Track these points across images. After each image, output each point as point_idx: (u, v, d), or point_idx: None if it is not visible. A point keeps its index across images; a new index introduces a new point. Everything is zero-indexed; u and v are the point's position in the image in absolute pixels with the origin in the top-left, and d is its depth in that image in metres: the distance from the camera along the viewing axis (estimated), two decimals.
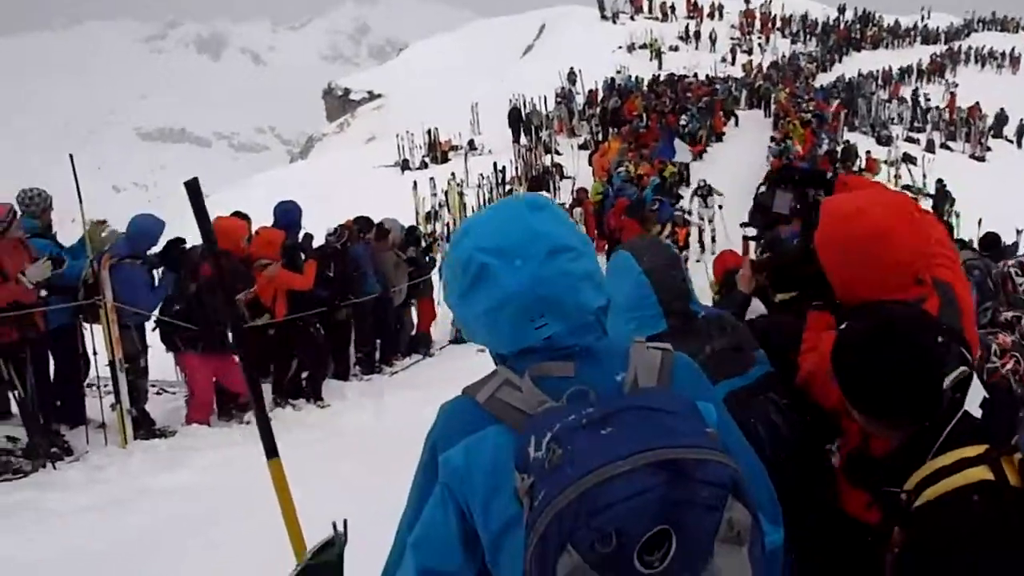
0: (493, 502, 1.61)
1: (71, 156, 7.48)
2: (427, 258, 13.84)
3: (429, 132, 35.23)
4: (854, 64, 54.48)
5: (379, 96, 58.13)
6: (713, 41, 57.86)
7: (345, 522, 2.20)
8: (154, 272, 8.06)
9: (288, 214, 9.99)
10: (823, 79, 51.25)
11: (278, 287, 9.05)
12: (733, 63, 53.90)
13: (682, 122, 32.86)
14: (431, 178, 27.06)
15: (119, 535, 5.59)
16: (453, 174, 26.63)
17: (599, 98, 39.23)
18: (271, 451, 1.62)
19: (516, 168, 30.07)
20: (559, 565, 1.36)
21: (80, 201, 7.22)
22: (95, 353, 7.78)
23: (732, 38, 60.06)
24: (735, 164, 28.54)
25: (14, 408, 7.58)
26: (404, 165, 33.92)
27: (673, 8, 63.22)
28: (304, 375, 9.67)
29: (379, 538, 5.12)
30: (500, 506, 1.59)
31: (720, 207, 21.54)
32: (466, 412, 1.68)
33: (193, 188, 2.45)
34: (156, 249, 8.16)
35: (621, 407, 1.50)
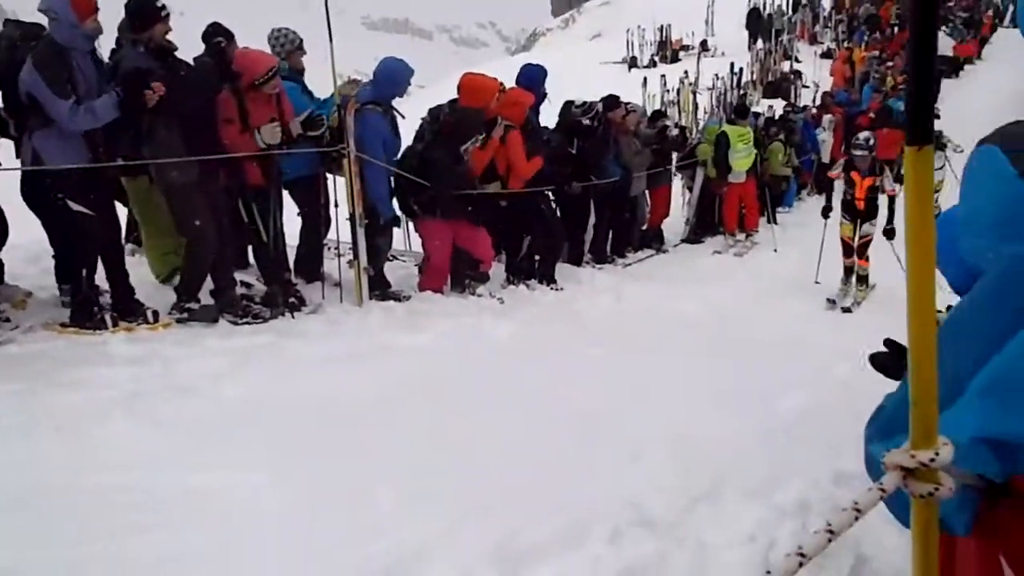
0: None
1: None
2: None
3: (661, 29, 33.83)
4: None
5: None
6: None
7: None
8: (398, 123, 7.60)
9: (532, 76, 9.33)
10: None
11: (509, 157, 8.41)
12: None
13: (942, 32, 29.88)
14: (662, 75, 25.95)
15: (358, 388, 5.39)
16: (686, 72, 25.31)
17: (847, 4, 36.45)
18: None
19: (752, 71, 28.41)
20: None
21: (331, 41, 6.74)
22: (336, 206, 7.46)
23: None
24: (993, 94, 22.82)
25: (251, 258, 7.50)
26: (632, 63, 32.86)
27: None
28: (536, 257, 9.15)
29: (633, 417, 4.49)
30: None
31: (948, 163, 13.46)
32: None
33: None
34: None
35: None
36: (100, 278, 6.16)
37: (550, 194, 9.30)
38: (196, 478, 4.02)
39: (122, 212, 6.93)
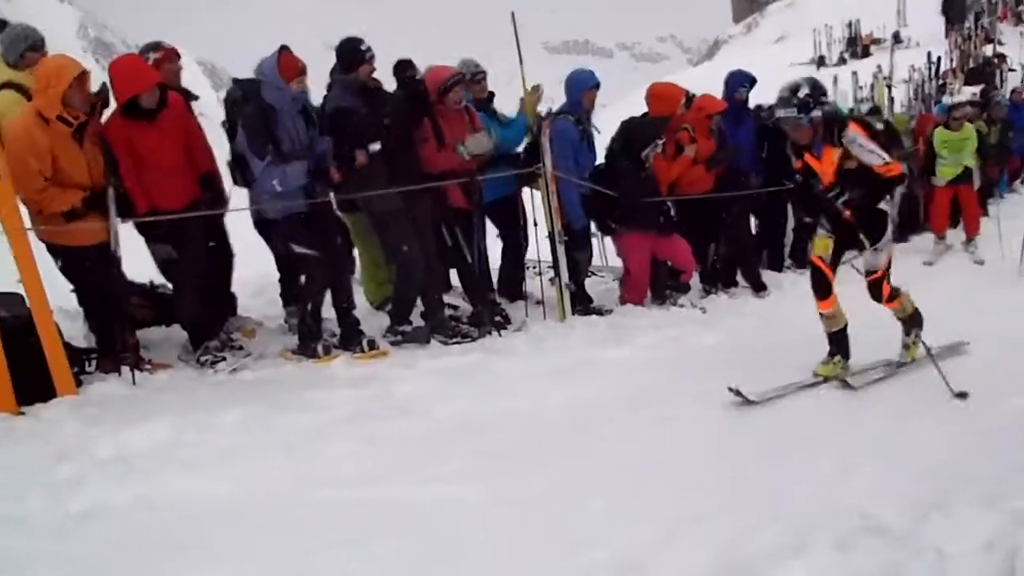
0: None
1: (512, 14, 7.20)
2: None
3: (850, 25, 32.61)
4: None
5: None
6: None
7: None
8: (592, 137, 7.68)
9: (727, 82, 9.17)
10: None
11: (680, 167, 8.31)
12: None
13: None
14: (853, 72, 24.94)
15: (567, 401, 5.53)
16: (879, 67, 24.20)
17: None
18: None
19: (951, 59, 26.86)
20: None
21: (520, 62, 6.96)
22: (535, 224, 7.62)
23: None
24: None
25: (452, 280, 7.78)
26: (820, 61, 31.79)
27: None
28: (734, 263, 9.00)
29: (844, 425, 4.34)
30: None
31: None
32: None
33: None
34: None
35: None
36: (327, 306, 6.58)
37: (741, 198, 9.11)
38: (413, 492, 4.22)
39: None
